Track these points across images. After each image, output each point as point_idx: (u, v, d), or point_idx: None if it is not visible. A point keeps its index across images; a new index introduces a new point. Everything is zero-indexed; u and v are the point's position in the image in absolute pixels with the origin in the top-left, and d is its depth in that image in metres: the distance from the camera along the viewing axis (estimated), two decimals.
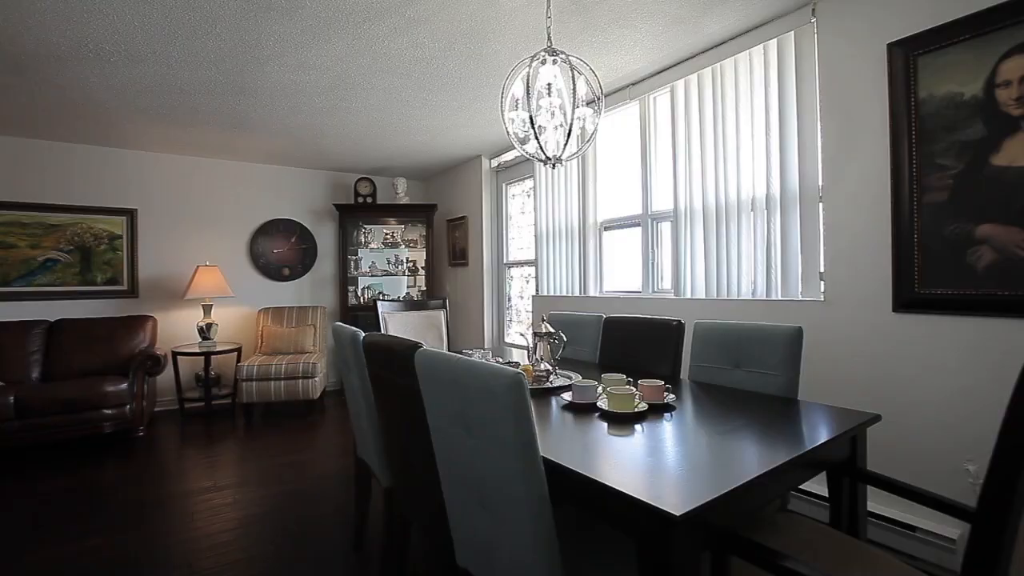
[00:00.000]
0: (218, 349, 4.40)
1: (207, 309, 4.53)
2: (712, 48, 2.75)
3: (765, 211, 2.54)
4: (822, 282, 2.32)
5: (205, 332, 4.45)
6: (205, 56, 2.73)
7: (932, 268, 1.94)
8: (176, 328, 4.69)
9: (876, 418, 1.49)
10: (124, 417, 3.63)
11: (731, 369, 1.99)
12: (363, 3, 2.26)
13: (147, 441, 3.76)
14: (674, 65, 2.98)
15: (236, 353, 4.58)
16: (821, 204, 2.31)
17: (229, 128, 3.95)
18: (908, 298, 2.00)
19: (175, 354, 4.37)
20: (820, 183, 2.31)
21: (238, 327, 4.98)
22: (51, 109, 3.49)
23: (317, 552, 2.17)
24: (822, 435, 1.35)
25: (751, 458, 1.22)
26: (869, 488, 1.55)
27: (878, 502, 2.05)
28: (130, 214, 4.52)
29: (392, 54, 2.75)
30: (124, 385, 3.65)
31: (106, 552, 2.19)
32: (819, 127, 2.32)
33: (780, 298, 2.48)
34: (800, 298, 2.41)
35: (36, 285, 4.19)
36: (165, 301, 4.66)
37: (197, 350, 4.34)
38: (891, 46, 2.03)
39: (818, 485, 2.25)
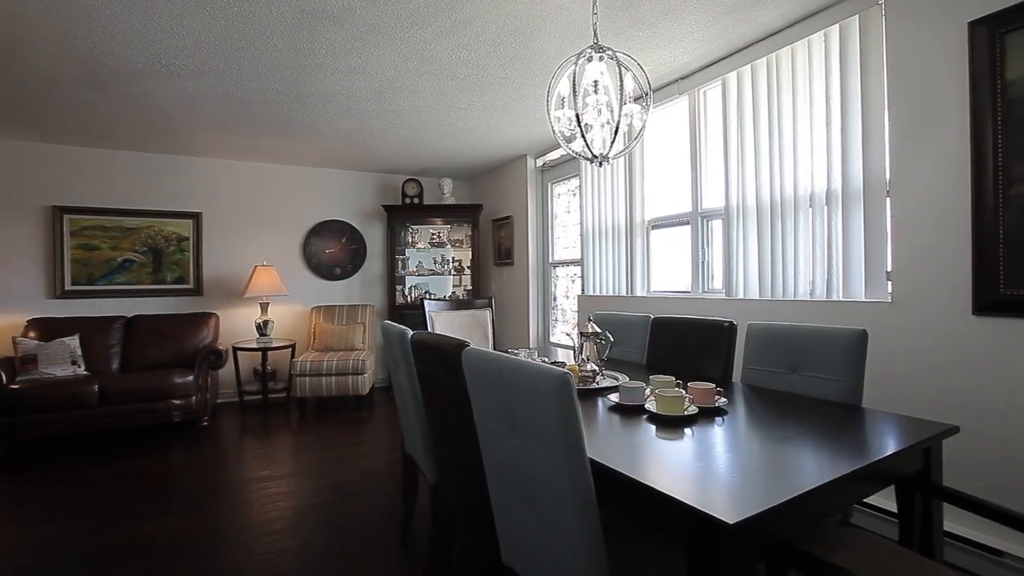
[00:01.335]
0: (274, 345, 4.62)
1: (264, 307, 4.76)
2: (767, 37, 2.64)
3: (825, 207, 2.40)
4: (889, 282, 2.17)
5: (262, 329, 4.68)
6: (263, 67, 2.87)
7: (1019, 267, 1.77)
8: (236, 325, 4.95)
9: (953, 429, 1.38)
10: (190, 407, 3.88)
11: (787, 373, 1.90)
12: (410, 8, 2.31)
13: (210, 431, 3.99)
14: (725, 57, 2.87)
15: (291, 349, 4.80)
16: (888, 198, 2.16)
17: (284, 134, 4.14)
18: (991, 300, 1.84)
19: (235, 349, 4.63)
20: (887, 176, 2.17)
21: (292, 324, 5.21)
22: (127, 121, 3.76)
23: (365, 543, 2.24)
24: (890, 446, 1.27)
25: (810, 467, 1.15)
26: (946, 506, 1.44)
27: (956, 521, 1.90)
28: (196, 217, 4.81)
29: (439, 57, 2.79)
30: (190, 377, 3.90)
31: (176, 532, 2.34)
32: (886, 116, 2.17)
33: (842, 299, 2.34)
34: (864, 299, 2.26)
35: (116, 284, 4.54)
36: (226, 299, 4.94)
37: (255, 346, 4.57)
38: (973, 25, 1.87)
39: (886, 499, 2.12)
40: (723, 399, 1.65)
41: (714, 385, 1.65)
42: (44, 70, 2.87)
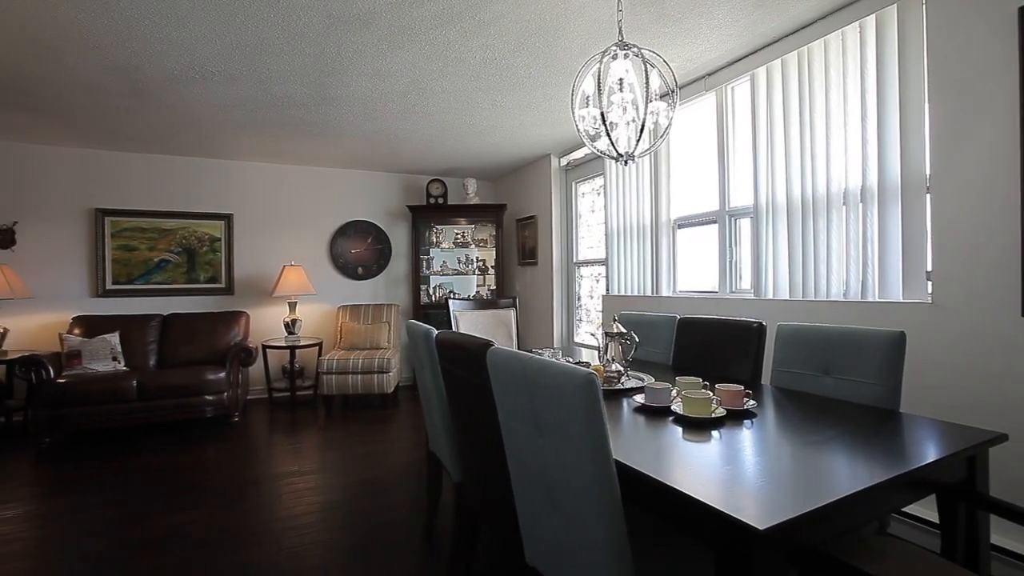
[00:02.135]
0: (302, 343, 4.71)
1: (292, 306, 4.86)
2: (798, 30, 2.56)
3: (859, 204, 2.32)
4: (929, 282, 2.09)
5: (290, 327, 4.78)
6: (291, 70, 2.93)
7: None
8: (265, 323, 5.08)
9: (1001, 437, 1.31)
10: (222, 403, 3.99)
11: (819, 376, 1.84)
12: (434, 9, 2.32)
13: (241, 426, 4.10)
14: (754, 52, 2.80)
15: (318, 347, 4.90)
16: (929, 195, 2.08)
17: (312, 136, 4.22)
18: None
19: (265, 347, 4.74)
20: (927, 171, 2.08)
21: (319, 323, 5.31)
22: (163, 126, 3.89)
23: (389, 540, 2.26)
24: (930, 453, 1.22)
25: (843, 473, 1.12)
26: (995, 518, 1.37)
27: (1006, 535, 1.81)
28: (227, 219, 4.95)
29: (463, 57, 2.80)
30: (222, 374, 4.01)
31: (209, 523, 2.41)
32: (927, 109, 2.08)
33: (877, 300, 2.26)
34: (901, 300, 2.18)
35: (152, 283, 4.71)
36: (256, 298, 5.07)
37: (283, 344, 4.67)
38: (1023, 10, 1.78)
39: (927, 509, 2.03)
40: (752, 401, 1.61)
41: (742, 387, 1.61)
42: (88, 79, 2.99)
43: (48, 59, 2.73)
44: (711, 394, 1.54)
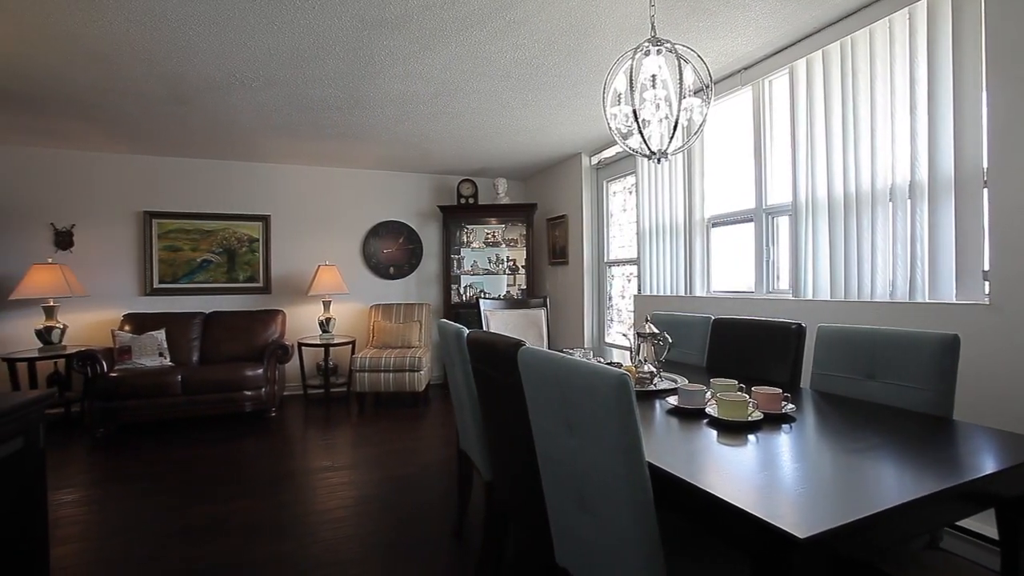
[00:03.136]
0: (336, 342, 4.83)
1: (326, 305, 4.98)
2: (841, 20, 2.46)
3: (908, 200, 2.21)
4: (986, 282, 1.97)
5: (325, 326, 4.90)
6: (326, 75, 3.00)
7: None
8: (301, 322, 5.22)
9: None
10: (260, 399, 4.13)
11: (863, 380, 1.77)
12: (465, 11, 2.34)
13: (277, 421, 4.23)
14: (793, 44, 2.71)
15: (351, 346, 5.00)
16: (986, 189, 1.96)
17: (346, 138, 4.31)
18: None
19: (300, 345, 4.88)
20: (984, 165, 1.96)
21: (352, 322, 5.42)
22: (205, 132, 4.05)
23: (420, 536, 2.29)
24: (987, 464, 1.15)
25: (890, 482, 1.07)
26: None
27: None
28: (265, 220, 5.12)
29: (493, 58, 2.81)
30: (260, 370, 4.15)
31: (247, 514, 2.50)
32: (984, 99, 1.97)
33: (927, 300, 2.15)
34: (955, 301, 2.06)
35: (196, 282, 4.91)
36: (292, 297, 5.22)
37: (318, 342, 4.80)
38: None
39: (984, 524, 1.92)
40: (790, 405, 1.56)
41: (780, 390, 1.56)
42: (136, 87, 3.14)
43: (100, 70, 2.88)
44: (747, 397, 1.50)
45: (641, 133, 1.85)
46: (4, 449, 1.31)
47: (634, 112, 1.81)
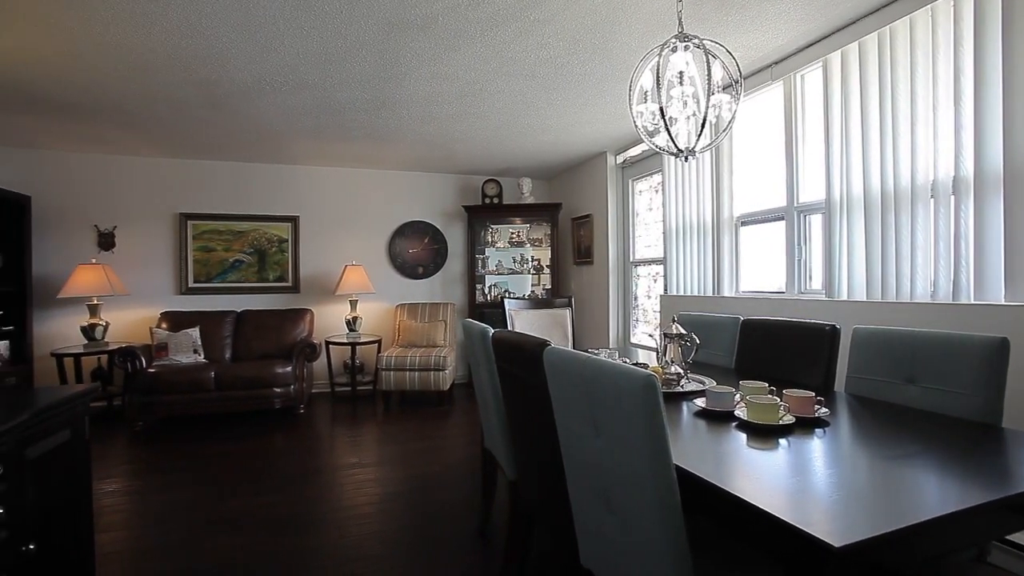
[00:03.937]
0: (362, 340, 4.91)
1: (353, 304, 5.07)
2: (878, 10, 2.37)
3: (951, 196, 2.12)
4: None
5: (351, 325, 4.99)
6: (353, 77, 3.05)
7: None
8: (328, 321, 5.32)
9: None
10: (289, 396, 4.22)
11: (902, 384, 1.70)
12: (489, 11, 2.34)
13: (306, 418, 4.32)
14: (827, 36, 2.63)
15: (377, 344, 5.07)
16: None
17: (372, 140, 4.38)
18: None
19: (328, 343, 4.98)
20: None
21: (378, 321, 5.50)
22: (237, 135, 4.17)
23: (445, 534, 2.31)
24: None
25: (931, 492, 1.02)
26: None
27: None
28: (294, 221, 5.23)
29: (517, 57, 2.81)
30: (289, 368, 4.25)
31: (277, 508, 2.56)
32: None
33: (973, 302, 2.05)
34: (1004, 302, 1.96)
35: (228, 281, 5.06)
36: (320, 296, 5.32)
37: (345, 340, 4.88)
38: None
39: None
40: (824, 409, 1.51)
41: (813, 393, 1.51)
42: (172, 93, 3.25)
43: (138, 77, 2.99)
44: (778, 400, 1.46)
45: (668, 131, 1.82)
46: (53, 440, 1.37)
47: (661, 110, 1.78)
